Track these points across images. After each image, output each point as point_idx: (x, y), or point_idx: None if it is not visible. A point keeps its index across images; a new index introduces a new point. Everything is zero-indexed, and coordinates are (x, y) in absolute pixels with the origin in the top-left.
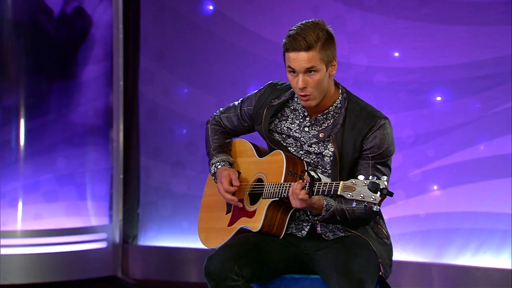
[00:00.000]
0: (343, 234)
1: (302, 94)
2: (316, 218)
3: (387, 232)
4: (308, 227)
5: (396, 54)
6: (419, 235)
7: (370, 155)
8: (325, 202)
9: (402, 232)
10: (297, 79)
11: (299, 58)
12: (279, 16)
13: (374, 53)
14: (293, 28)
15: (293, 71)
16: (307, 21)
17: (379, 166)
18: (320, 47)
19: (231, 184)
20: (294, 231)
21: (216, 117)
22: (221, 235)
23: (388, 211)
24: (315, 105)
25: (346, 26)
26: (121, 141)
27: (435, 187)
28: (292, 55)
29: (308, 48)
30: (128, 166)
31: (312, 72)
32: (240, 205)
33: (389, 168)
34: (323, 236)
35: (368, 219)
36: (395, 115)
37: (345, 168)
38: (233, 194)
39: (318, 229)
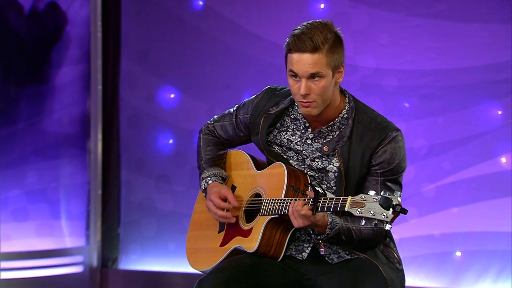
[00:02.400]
0: (348, 257)
1: (304, 100)
2: (319, 237)
3: (398, 256)
4: (309, 248)
5: (408, 55)
6: (433, 258)
7: (379, 171)
8: (329, 220)
9: (414, 255)
10: (299, 85)
11: (303, 61)
12: (277, 13)
13: (383, 54)
14: (298, 27)
15: (295, 75)
16: (314, 20)
17: (389, 184)
18: (327, 50)
19: (223, 200)
20: (294, 253)
21: (209, 125)
22: (212, 256)
23: (399, 231)
24: (318, 116)
25: (351, 24)
26: (99, 153)
27: (452, 204)
28: (295, 56)
29: (314, 49)
30: (107, 180)
31: (317, 78)
32: (233, 220)
33: (400, 185)
34: (326, 258)
35: (377, 241)
36: (406, 123)
37: (351, 185)
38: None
39: (322, 250)
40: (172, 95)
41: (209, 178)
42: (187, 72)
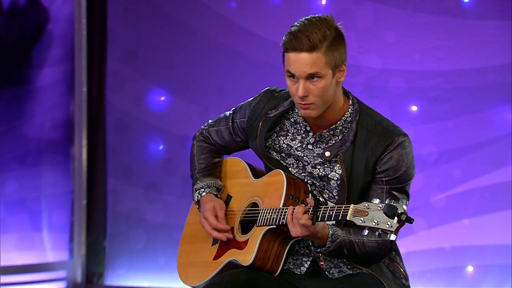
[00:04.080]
0: (350, 272)
1: (303, 102)
2: (319, 250)
3: (405, 271)
4: (308, 262)
5: (415, 55)
6: (443, 273)
7: (384, 179)
8: (330, 232)
9: (423, 270)
10: (297, 86)
11: (300, 61)
12: (275, 9)
13: (389, 53)
14: (296, 24)
15: (293, 76)
16: (313, 16)
17: (395, 193)
18: (326, 48)
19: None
20: (292, 267)
21: (203, 131)
22: (204, 270)
23: (407, 244)
24: (318, 118)
25: (355, 21)
26: (84, 160)
27: (463, 215)
28: (292, 56)
29: (311, 48)
30: (92, 189)
31: (315, 78)
32: (231, 236)
33: (407, 195)
34: (326, 273)
35: (381, 255)
36: (414, 128)
37: (355, 194)
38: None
39: (322, 263)
40: (162, 98)
41: (202, 190)
42: (179, 73)
